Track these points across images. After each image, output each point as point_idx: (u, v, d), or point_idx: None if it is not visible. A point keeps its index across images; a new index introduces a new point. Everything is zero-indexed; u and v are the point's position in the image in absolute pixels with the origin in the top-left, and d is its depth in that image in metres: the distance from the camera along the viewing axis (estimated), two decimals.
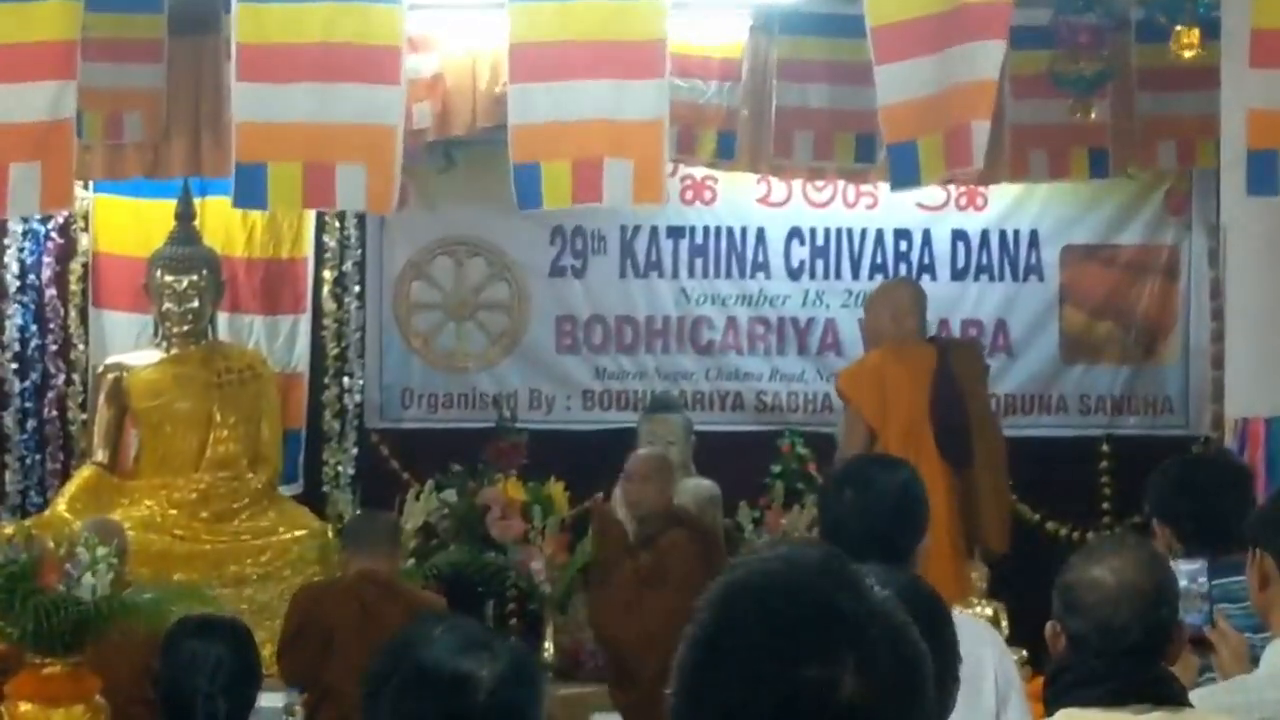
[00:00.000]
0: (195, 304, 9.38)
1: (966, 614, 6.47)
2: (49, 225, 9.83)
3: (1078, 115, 8.37)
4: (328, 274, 10.08)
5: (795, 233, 10.24)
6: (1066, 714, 3.28)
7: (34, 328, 9.85)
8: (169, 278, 9.36)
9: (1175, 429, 10.10)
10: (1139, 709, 3.22)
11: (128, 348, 9.73)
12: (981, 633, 4.25)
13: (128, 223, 9.88)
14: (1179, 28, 7.61)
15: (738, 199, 10.19)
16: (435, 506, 9.62)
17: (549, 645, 9.13)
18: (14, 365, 9.80)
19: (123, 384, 9.41)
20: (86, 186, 9.51)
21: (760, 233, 10.24)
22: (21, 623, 6.37)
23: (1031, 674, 5.41)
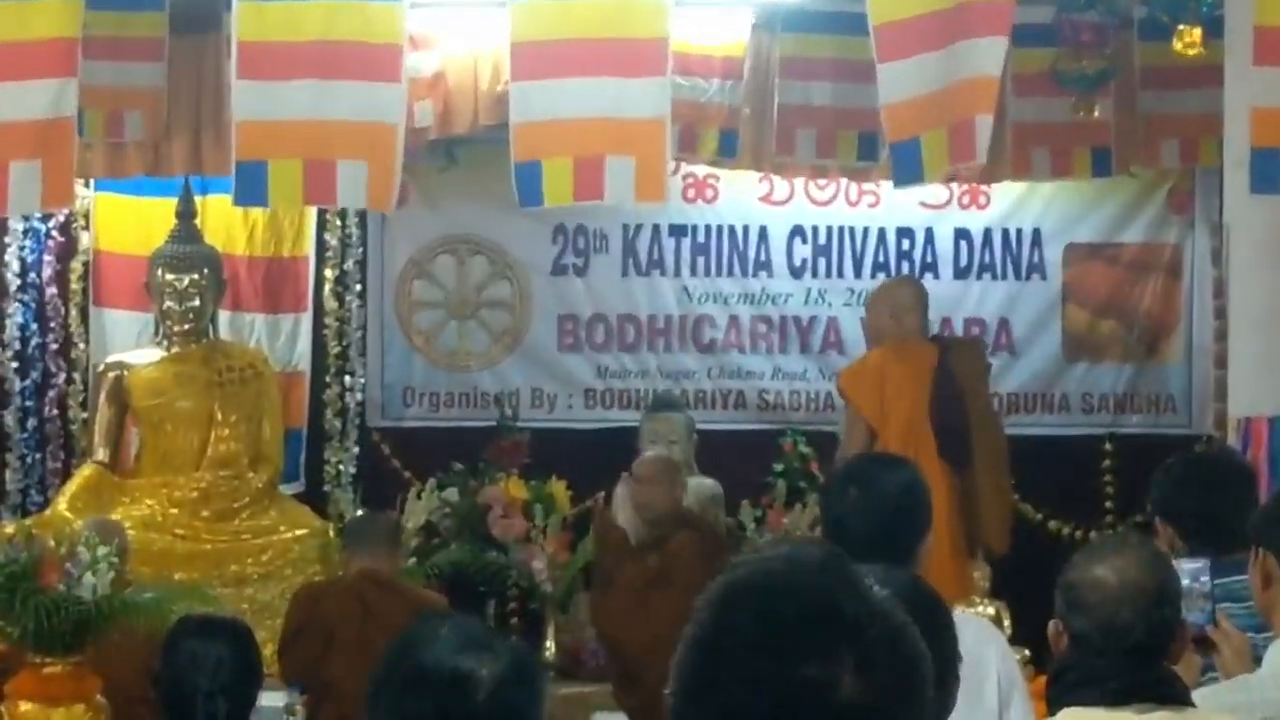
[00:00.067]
0: (196, 302, 9.37)
1: (969, 613, 6.47)
2: (50, 224, 9.82)
3: (1080, 114, 8.35)
4: (329, 272, 10.07)
5: (797, 231, 10.23)
6: (1069, 713, 3.27)
7: (35, 326, 9.83)
8: (170, 276, 9.35)
9: (1178, 428, 10.08)
10: (1142, 708, 3.21)
11: (129, 346, 9.71)
12: (984, 632, 4.24)
13: (129, 221, 9.87)
14: (1181, 26, 7.60)
15: (740, 197, 10.17)
16: (437, 505, 9.61)
17: (550, 644, 9.13)
18: (14, 364, 9.78)
19: (124, 383, 9.39)
20: (87, 185, 9.50)
21: (762, 231, 10.22)
22: (22, 622, 6.36)
23: (1034, 673, 5.40)
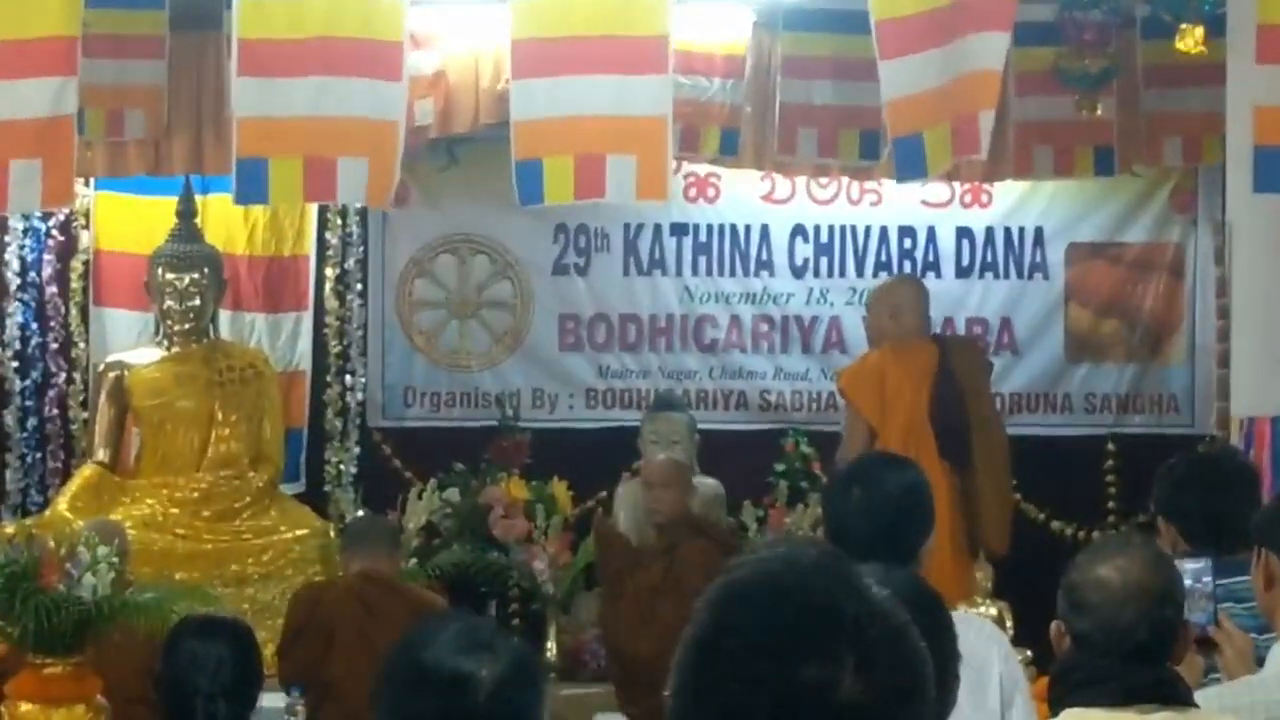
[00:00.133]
0: (197, 302, 9.35)
1: (971, 614, 6.46)
2: (50, 223, 9.81)
3: (1083, 112, 8.33)
4: (330, 272, 10.05)
5: (799, 230, 10.20)
6: (1071, 714, 3.26)
7: (35, 326, 9.82)
8: (170, 275, 9.33)
9: (1181, 428, 10.06)
10: (1144, 709, 3.20)
11: (129, 346, 9.69)
12: (987, 633, 4.24)
13: (129, 220, 9.85)
14: (1184, 25, 7.59)
15: (741, 196, 10.15)
16: (438, 506, 9.60)
17: (552, 645, 9.11)
18: (15, 363, 9.76)
19: (124, 382, 9.37)
20: (88, 184, 9.48)
21: (764, 230, 10.20)
22: (22, 622, 6.33)
23: (1036, 674, 5.38)
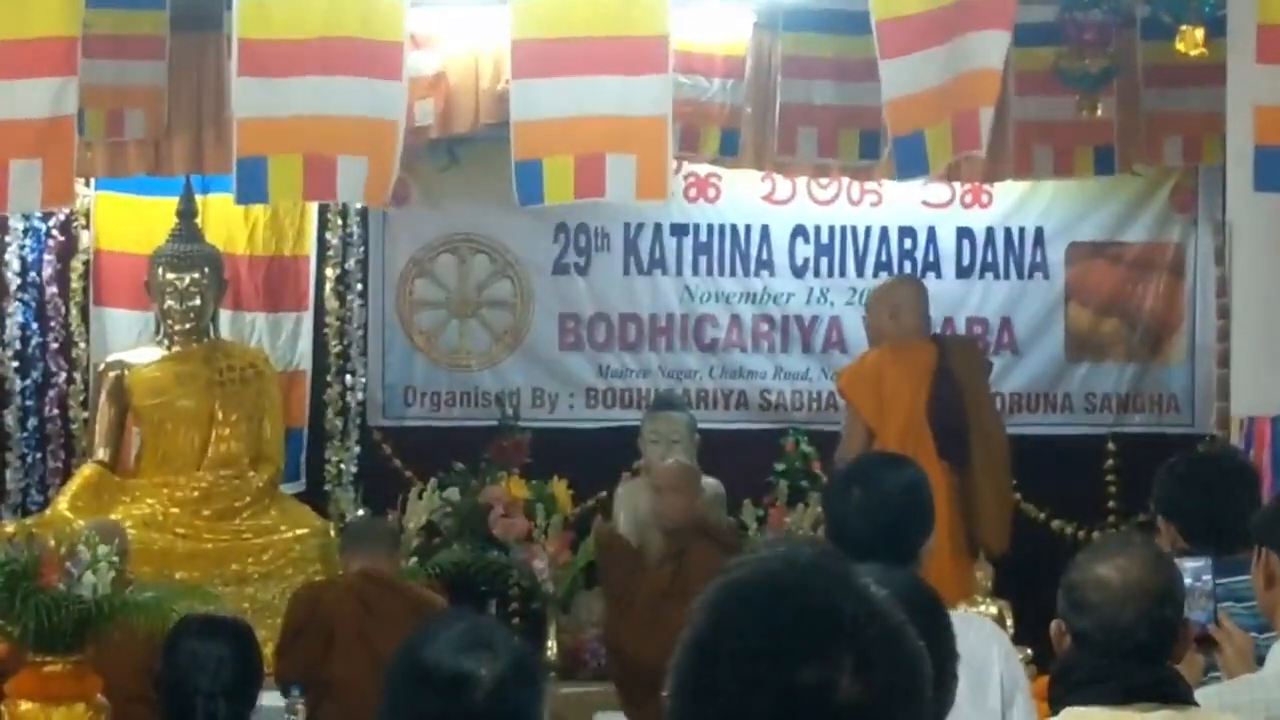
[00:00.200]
0: (197, 302, 9.35)
1: (972, 613, 6.45)
2: (50, 222, 9.80)
3: (1083, 112, 8.33)
4: (330, 271, 10.05)
5: (799, 230, 10.20)
6: (1071, 713, 3.26)
7: (35, 325, 9.81)
8: (171, 275, 9.32)
9: (1181, 427, 10.05)
10: (1144, 708, 3.20)
11: (129, 345, 9.69)
12: (987, 632, 4.24)
13: (129, 220, 9.85)
14: (1184, 26, 7.58)
15: (742, 196, 10.14)
16: (438, 505, 9.59)
17: (552, 644, 9.11)
18: (15, 363, 9.75)
19: (124, 382, 9.37)
20: (88, 184, 9.48)
21: (764, 230, 10.19)
22: (22, 622, 6.34)
23: (1036, 673, 5.38)
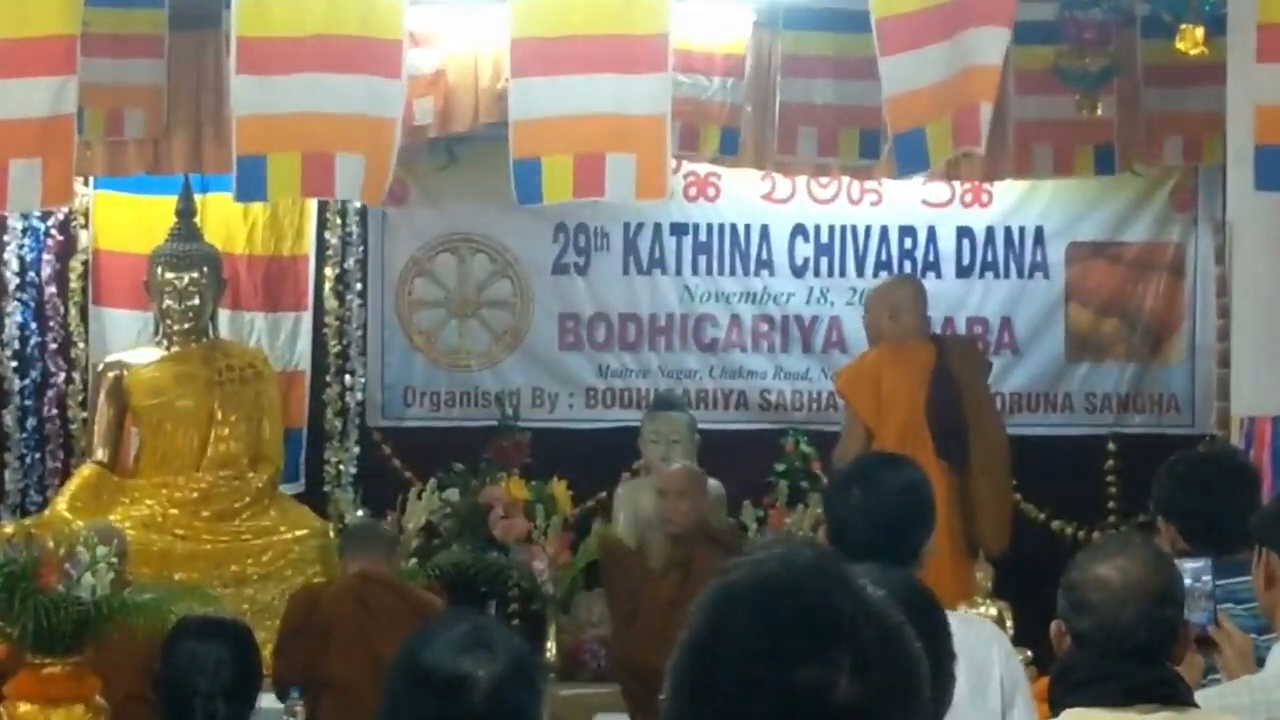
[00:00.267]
0: (196, 301, 9.34)
1: (972, 614, 6.45)
2: (49, 222, 9.80)
3: (1083, 111, 8.32)
4: (329, 271, 10.04)
5: (799, 230, 10.19)
6: (1071, 714, 3.25)
7: (34, 325, 9.81)
8: (170, 275, 9.31)
9: (1181, 428, 10.04)
10: (1144, 709, 3.19)
11: (128, 345, 9.68)
12: (987, 633, 4.23)
13: (128, 220, 9.84)
14: (1184, 25, 7.57)
15: (742, 196, 10.14)
16: (437, 505, 9.59)
17: (551, 645, 9.10)
18: (14, 363, 9.75)
19: (123, 382, 9.36)
20: (87, 183, 9.47)
21: (764, 230, 10.18)
22: (21, 622, 6.33)
23: (1036, 674, 5.37)
